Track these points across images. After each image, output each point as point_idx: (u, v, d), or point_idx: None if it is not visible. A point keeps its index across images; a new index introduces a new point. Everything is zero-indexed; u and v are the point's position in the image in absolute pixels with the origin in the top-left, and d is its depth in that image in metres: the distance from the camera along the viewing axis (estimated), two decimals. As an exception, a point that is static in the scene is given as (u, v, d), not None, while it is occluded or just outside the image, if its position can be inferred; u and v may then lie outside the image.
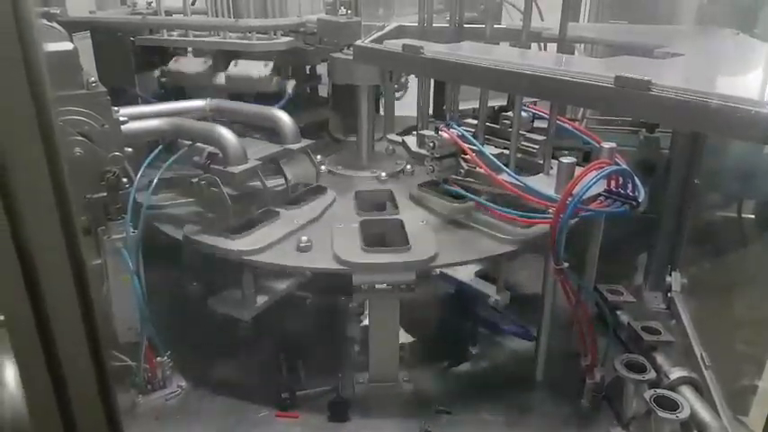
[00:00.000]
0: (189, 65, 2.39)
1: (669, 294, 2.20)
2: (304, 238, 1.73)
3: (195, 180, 1.80)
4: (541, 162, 1.79)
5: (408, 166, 2.27)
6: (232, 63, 2.30)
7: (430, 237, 1.77)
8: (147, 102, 2.37)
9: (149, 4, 2.56)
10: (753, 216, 2.02)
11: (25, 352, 0.81)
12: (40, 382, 0.84)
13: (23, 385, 0.92)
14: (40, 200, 0.70)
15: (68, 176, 0.71)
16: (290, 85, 2.28)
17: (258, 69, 2.25)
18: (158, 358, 1.78)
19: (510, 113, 1.81)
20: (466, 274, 2.17)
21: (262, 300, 1.90)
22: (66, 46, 1.49)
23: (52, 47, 1.45)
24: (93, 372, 0.87)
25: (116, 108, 1.56)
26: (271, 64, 2.25)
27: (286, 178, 1.98)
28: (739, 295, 1.84)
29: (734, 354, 1.76)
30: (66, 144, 1.40)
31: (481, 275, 2.18)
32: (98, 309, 0.88)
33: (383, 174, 2.23)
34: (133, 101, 2.31)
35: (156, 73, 2.46)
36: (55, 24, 1.85)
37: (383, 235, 1.85)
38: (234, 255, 1.71)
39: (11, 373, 1.04)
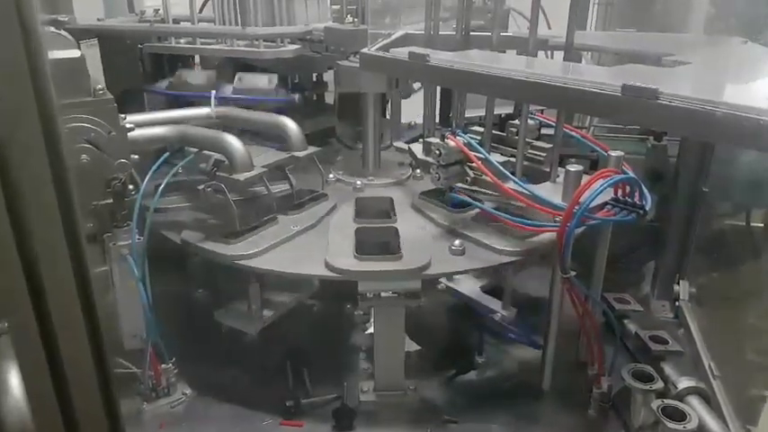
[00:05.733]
0: (195, 77, 2.39)
1: (677, 303, 2.19)
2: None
3: (201, 187, 1.81)
4: (548, 170, 1.78)
5: (418, 171, 2.26)
6: (237, 77, 2.30)
7: (426, 245, 1.75)
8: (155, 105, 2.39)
9: (157, 11, 2.57)
10: (762, 225, 2.01)
11: (29, 359, 0.82)
12: (43, 389, 0.84)
13: (27, 393, 0.92)
14: (44, 208, 0.70)
15: (75, 184, 0.71)
16: (296, 98, 2.31)
17: (263, 83, 2.27)
18: (163, 365, 1.78)
19: (516, 121, 1.81)
20: (469, 287, 2.18)
21: (268, 314, 1.90)
22: (74, 53, 1.50)
23: (60, 54, 1.46)
24: (96, 380, 0.87)
25: (123, 115, 1.57)
26: (275, 77, 2.27)
27: (292, 185, 1.99)
28: (748, 305, 1.82)
29: (742, 364, 1.74)
30: (72, 151, 1.41)
31: (487, 290, 2.17)
32: (103, 316, 0.88)
33: (389, 180, 2.22)
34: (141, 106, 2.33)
35: (164, 84, 2.46)
36: (63, 32, 1.87)
37: (379, 243, 1.82)
38: (227, 259, 1.71)
39: (15, 381, 1.04)
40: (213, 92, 2.10)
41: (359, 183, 2.20)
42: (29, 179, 0.68)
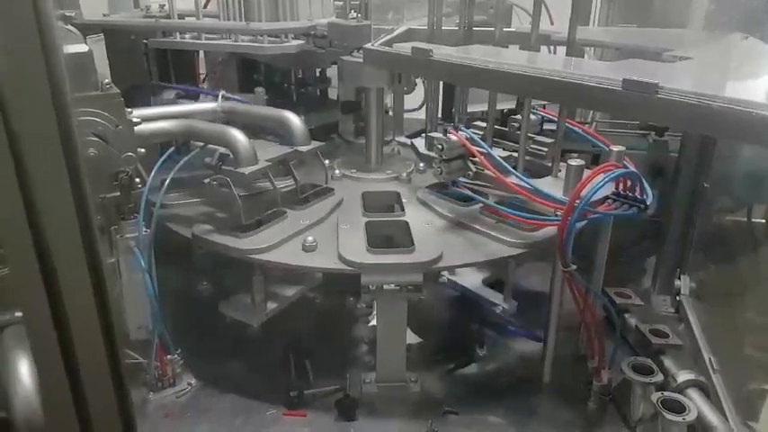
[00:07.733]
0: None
1: (677, 298, 2.20)
2: (309, 238, 1.73)
3: (207, 180, 1.83)
4: (550, 165, 1.79)
5: (422, 165, 2.27)
6: None
7: (435, 238, 1.78)
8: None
9: (162, 7, 2.59)
10: (763, 220, 2.01)
11: (42, 348, 0.83)
12: (56, 377, 0.85)
13: (40, 381, 0.94)
14: (59, 199, 0.71)
15: (87, 176, 0.72)
16: None
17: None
18: (169, 356, 1.80)
19: (518, 116, 1.82)
20: (471, 281, 2.19)
21: (271, 306, 1.92)
22: (82, 48, 1.51)
23: (67, 49, 1.48)
24: (108, 369, 0.88)
25: (129, 109, 1.59)
26: None
27: (296, 180, 2.00)
28: (748, 299, 1.83)
29: (742, 358, 1.75)
30: (80, 144, 1.42)
31: (488, 284, 2.19)
32: (112, 307, 0.90)
33: (392, 175, 2.24)
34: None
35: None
36: (70, 27, 1.88)
37: (389, 236, 1.86)
38: (240, 253, 1.72)
39: (25, 369, 1.06)
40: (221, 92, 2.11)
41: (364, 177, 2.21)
42: (44, 172, 0.70)
